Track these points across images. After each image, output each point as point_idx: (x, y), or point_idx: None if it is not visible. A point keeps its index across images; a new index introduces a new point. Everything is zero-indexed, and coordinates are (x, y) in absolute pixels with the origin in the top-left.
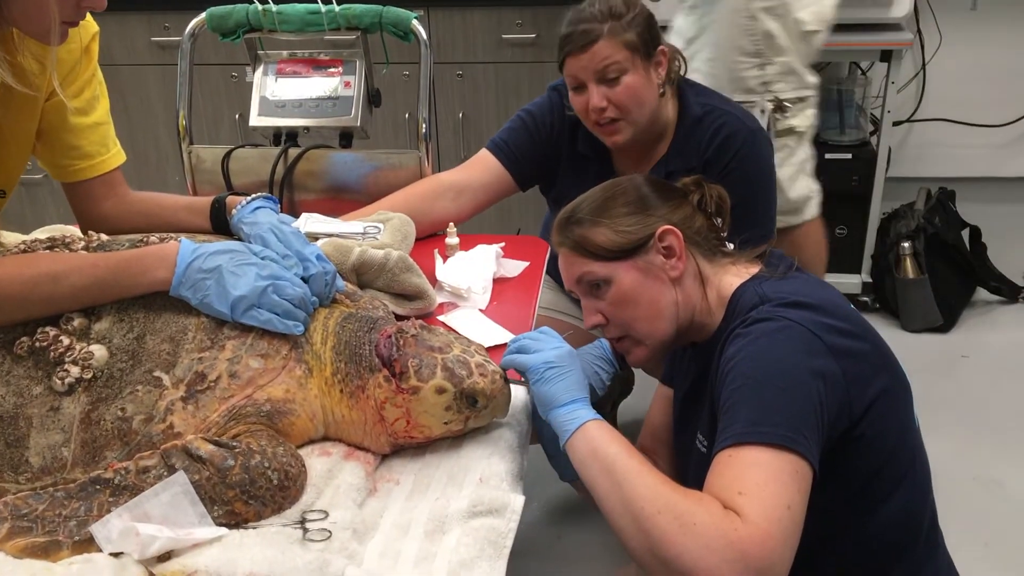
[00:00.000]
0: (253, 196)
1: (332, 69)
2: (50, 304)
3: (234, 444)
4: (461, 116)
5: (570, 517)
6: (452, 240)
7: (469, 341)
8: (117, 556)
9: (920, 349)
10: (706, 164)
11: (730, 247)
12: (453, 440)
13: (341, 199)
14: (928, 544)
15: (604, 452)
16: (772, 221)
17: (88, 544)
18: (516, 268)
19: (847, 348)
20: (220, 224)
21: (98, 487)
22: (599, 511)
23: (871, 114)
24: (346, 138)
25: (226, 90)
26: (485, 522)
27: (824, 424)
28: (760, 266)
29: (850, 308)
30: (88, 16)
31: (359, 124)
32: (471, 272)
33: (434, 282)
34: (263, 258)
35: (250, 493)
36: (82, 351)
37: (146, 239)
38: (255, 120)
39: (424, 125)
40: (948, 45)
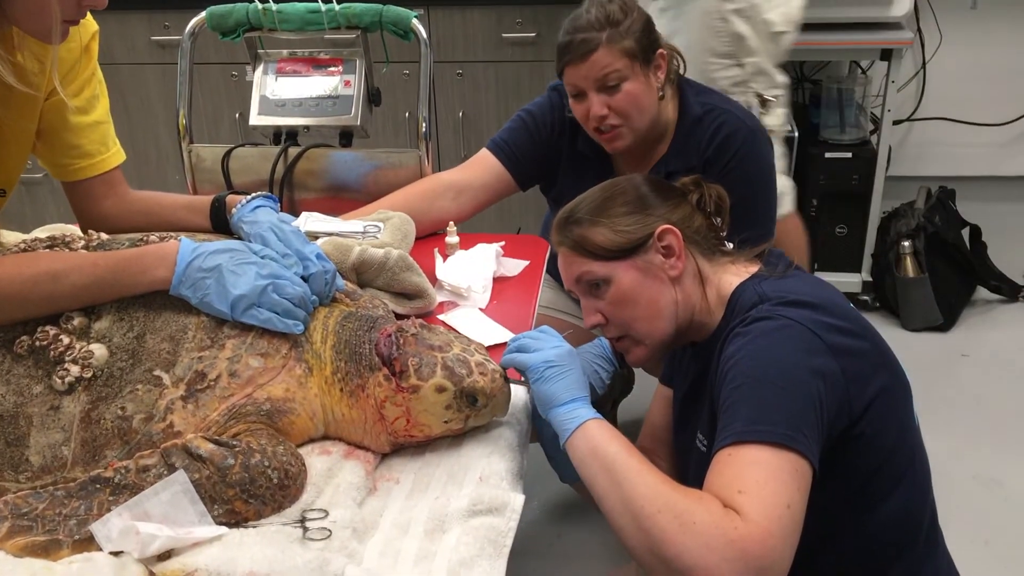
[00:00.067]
0: (253, 195)
1: (332, 68)
2: (50, 303)
3: (234, 443)
4: (461, 115)
5: (570, 516)
6: (452, 239)
7: (469, 340)
8: (117, 555)
9: (920, 348)
10: (706, 163)
11: (729, 246)
12: (453, 439)
13: (341, 198)
14: (928, 543)
15: (604, 451)
16: (772, 220)
17: (88, 543)
18: (516, 267)
19: (847, 347)
20: (220, 223)
21: (98, 486)
22: (599, 511)
23: (871, 113)
24: (346, 137)
25: (226, 89)
26: (485, 521)
27: (824, 423)
28: (759, 265)
29: (849, 307)
30: (88, 15)
31: (359, 123)
32: (471, 271)
33: (434, 281)
34: (263, 257)
35: (250, 492)
36: (82, 350)
37: (146, 238)
38: (255, 119)
39: (424, 124)
40: (948, 44)
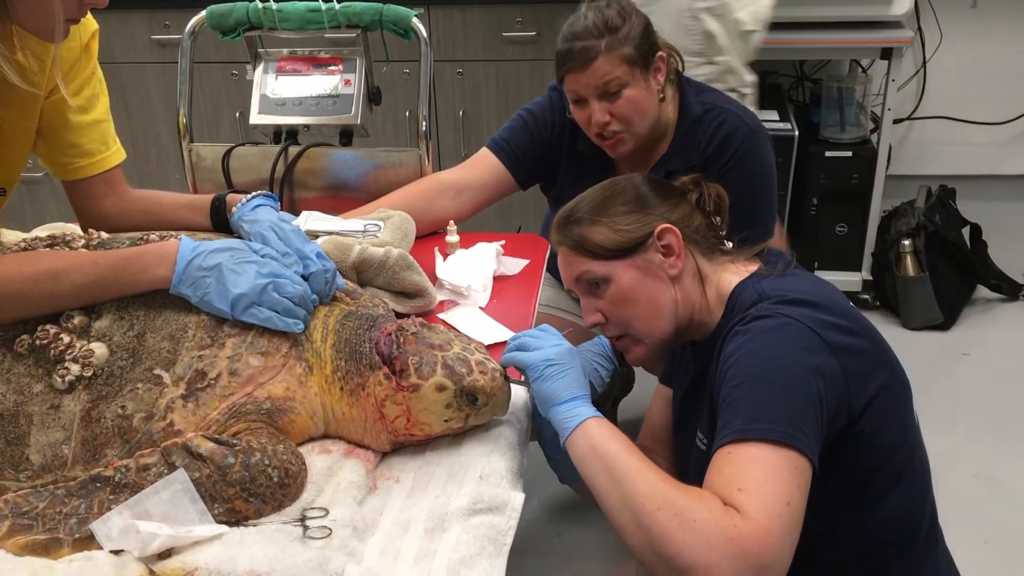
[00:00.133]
0: (253, 194)
1: (332, 67)
2: (50, 302)
3: (234, 442)
4: (461, 114)
5: (570, 515)
6: (452, 238)
7: (469, 339)
8: (117, 554)
9: (920, 347)
10: (706, 162)
11: (728, 245)
12: (453, 438)
13: (341, 197)
14: (928, 541)
15: (604, 449)
16: (772, 219)
17: (88, 542)
18: (516, 266)
19: (846, 345)
20: (220, 222)
21: (98, 485)
22: (599, 510)
23: (871, 112)
24: (346, 136)
25: (226, 88)
26: (485, 519)
27: (823, 421)
28: (759, 264)
29: (849, 305)
30: (87, 14)
31: (359, 122)
32: (471, 270)
33: (434, 280)
34: (263, 256)
35: (250, 491)
36: (82, 349)
37: (146, 237)
38: (255, 118)
39: (424, 123)
40: (949, 43)
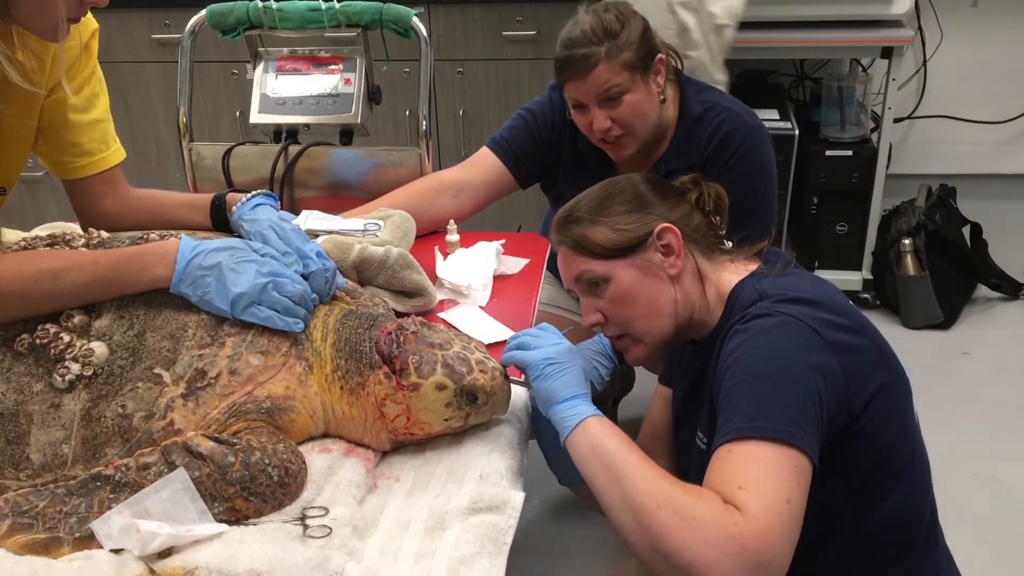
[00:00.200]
0: (253, 193)
1: (332, 66)
2: (50, 301)
3: (234, 441)
4: (462, 113)
5: (570, 514)
6: (452, 237)
7: (469, 338)
8: (118, 553)
9: (921, 346)
10: (706, 161)
11: (728, 245)
12: (453, 437)
13: (341, 196)
14: (928, 540)
15: (604, 448)
16: (773, 217)
17: (89, 541)
18: (516, 265)
19: (846, 344)
20: (220, 221)
21: (99, 484)
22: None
23: (872, 111)
24: (346, 135)
25: (226, 87)
26: (485, 519)
27: (823, 419)
28: (758, 263)
29: (848, 304)
30: (88, 13)
31: (359, 121)
32: (471, 269)
33: (434, 279)
34: (263, 255)
35: (250, 490)
36: (82, 348)
37: (146, 236)
38: (255, 117)
39: (424, 122)
40: (949, 42)
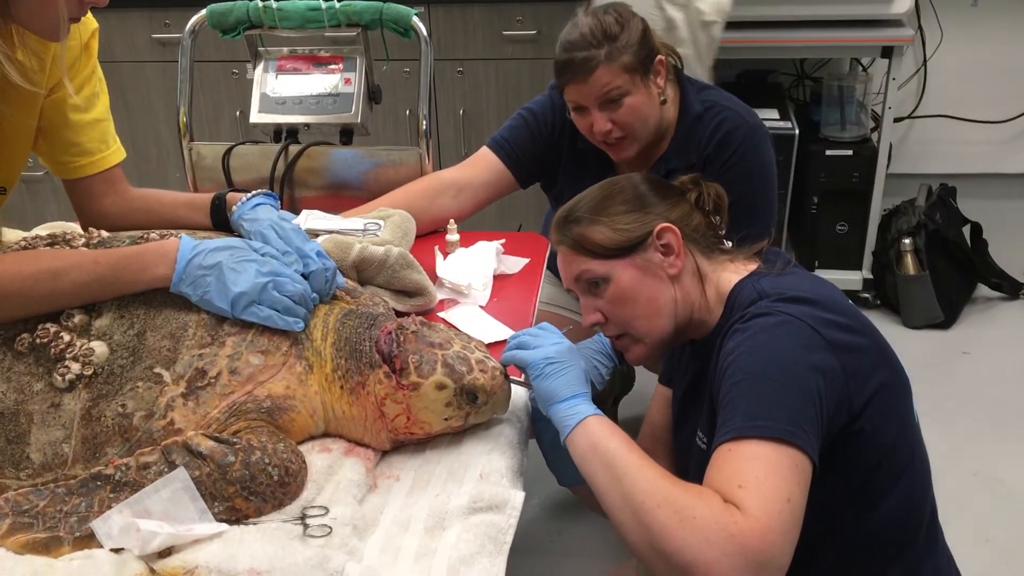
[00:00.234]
0: (253, 193)
1: (332, 66)
2: (51, 301)
3: (234, 440)
4: (462, 113)
5: (570, 513)
6: (452, 237)
7: (469, 337)
8: (118, 552)
9: (921, 345)
10: (706, 160)
11: (728, 245)
12: (453, 436)
13: (341, 196)
14: (928, 540)
15: (604, 447)
16: (773, 217)
17: (89, 540)
18: (516, 265)
19: (846, 343)
20: (220, 221)
21: (99, 483)
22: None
23: (872, 110)
24: (346, 135)
25: (227, 87)
26: (485, 518)
27: (823, 418)
28: (758, 263)
29: (848, 303)
30: (88, 12)
31: (359, 121)
32: (471, 269)
33: (434, 279)
34: (263, 255)
35: (250, 489)
36: (83, 347)
37: (146, 236)
38: (256, 117)
39: (424, 122)
40: (949, 41)
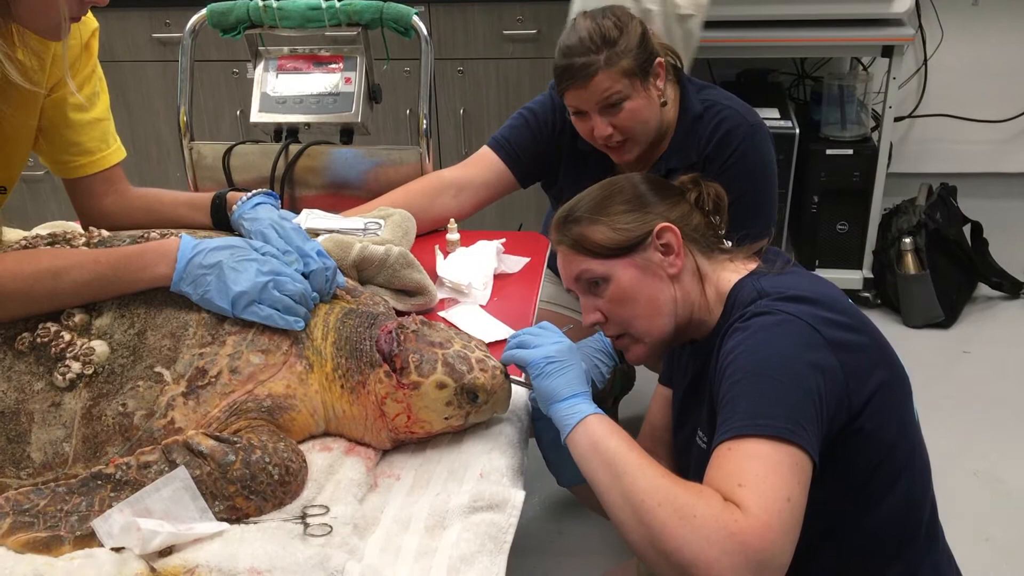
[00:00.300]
0: (254, 192)
1: (333, 65)
2: (51, 300)
3: (235, 439)
4: (462, 112)
5: (570, 512)
6: (453, 236)
7: (470, 337)
8: (118, 551)
9: (921, 345)
10: (707, 159)
11: (727, 244)
12: (453, 436)
13: (342, 195)
14: (928, 538)
15: (604, 445)
16: (773, 215)
17: (89, 539)
18: (517, 264)
19: (845, 341)
20: (221, 220)
21: (99, 482)
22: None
23: (872, 110)
24: (347, 134)
25: (227, 86)
26: (486, 517)
27: (823, 417)
28: (758, 262)
29: (848, 302)
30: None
31: (360, 120)
32: (472, 268)
33: (435, 278)
34: (264, 254)
35: (251, 488)
36: (83, 347)
37: (147, 235)
38: (256, 116)
39: (425, 121)
40: (950, 41)
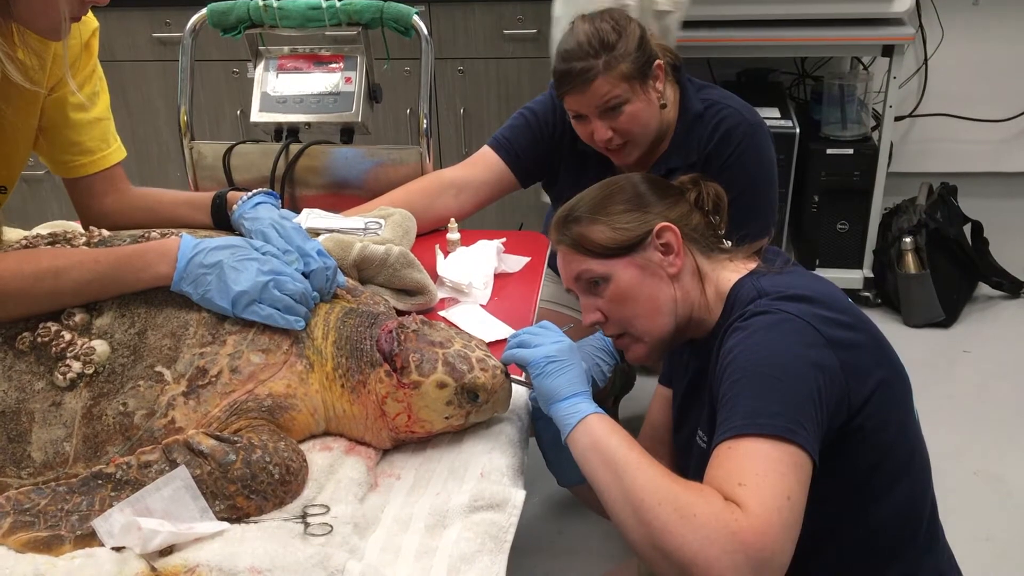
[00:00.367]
0: (254, 191)
1: (333, 65)
2: (52, 299)
3: (235, 439)
4: (462, 112)
5: (571, 512)
6: (453, 236)
7: (470, 336)
8: (119, 550)
9: (921, 344)
10: (707, 159)
11: (727, 244)
12: (454, 435)
13: (342, 195)
14: (928, 538)
15: (605, 445)
16: (773, 215)
17: (90, 538)
18: (517, 264)
19: (845, 340)
20: (221, 220)
21: (100, 482)
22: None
23: (873, 109)
24: (347, 134)
25: (227, 86)
26: (486, 516)
27: (823, 416)
28: (758, 262)
29: (847, 301)
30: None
31: (360, 120)
32: (472, 268)
33: (435, 278)
34: (264, 253)
35: (251, 488)
36: (84, 346)
37: (147, 235)
38: (256, 116)
39: (425, 121)
40: (950, 40)
